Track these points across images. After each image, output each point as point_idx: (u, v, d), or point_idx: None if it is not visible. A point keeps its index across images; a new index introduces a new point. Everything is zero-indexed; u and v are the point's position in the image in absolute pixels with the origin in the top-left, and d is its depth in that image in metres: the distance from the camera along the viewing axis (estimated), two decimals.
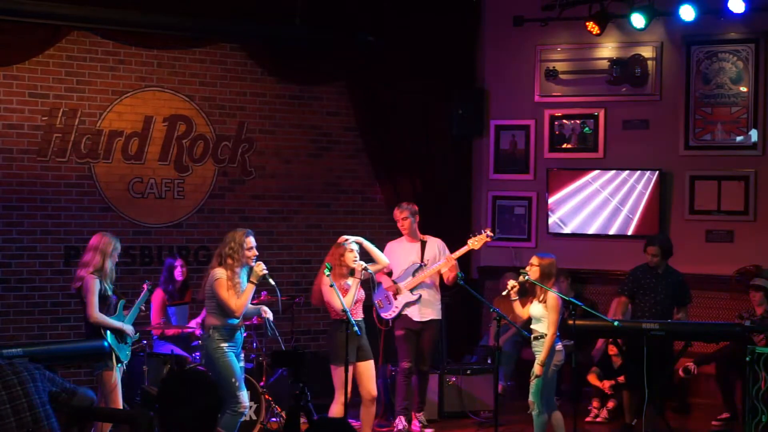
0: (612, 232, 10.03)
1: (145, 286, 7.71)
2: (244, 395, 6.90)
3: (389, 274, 8.42)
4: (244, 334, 7.27)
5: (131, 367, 8.35)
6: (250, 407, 7.75)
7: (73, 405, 5.20)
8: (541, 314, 7.29)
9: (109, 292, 7.29)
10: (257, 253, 7.02)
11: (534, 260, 7.43)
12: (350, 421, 8.00)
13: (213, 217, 9.66)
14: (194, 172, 9.58)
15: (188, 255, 9.43)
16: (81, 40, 9.00)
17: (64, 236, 8.96)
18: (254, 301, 7.50)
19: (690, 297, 8.50)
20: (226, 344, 6.88)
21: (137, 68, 9.27)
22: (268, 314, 7.25)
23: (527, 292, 7.45)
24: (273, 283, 7.03)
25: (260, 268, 6.96)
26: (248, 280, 6.97)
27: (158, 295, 8.52)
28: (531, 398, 7.34)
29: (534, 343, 7.38)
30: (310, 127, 10.14)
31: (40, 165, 8.89)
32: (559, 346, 7.39)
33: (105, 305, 7.26)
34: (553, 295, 7.30)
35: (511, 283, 7.43)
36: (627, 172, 10.12)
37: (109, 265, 7.25)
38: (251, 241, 7.00)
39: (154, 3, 9.06)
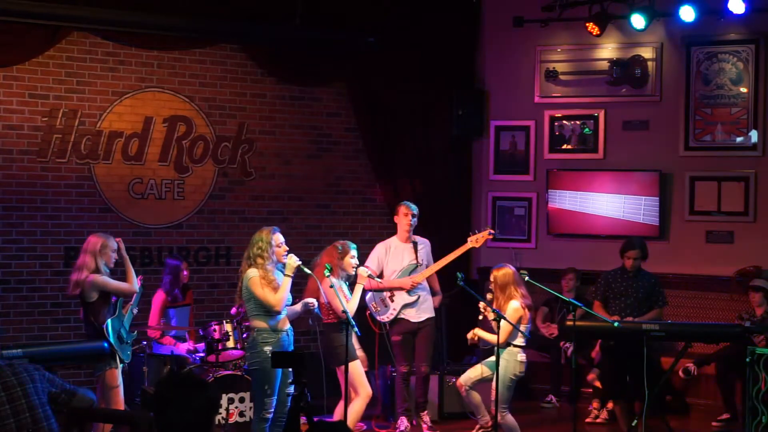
0: (612, 233, 10.01)
1: (138, 280, 7.68)
2: (273, 401, 6.80)
3: (380, 275, 8.42)
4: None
5: (131, 368, 8.36)
6: (250, 408, 7.75)
7: (72, 406, 5.20)
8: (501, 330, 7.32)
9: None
10: (287, 249, 6.93)
11: (492, 276, 7.55)
12: (360, 424, 8.07)
13: (213, 218, 9.66)
14: (194, 173, 9.59)
15: (188, 256, 9.43)
16: (81, 41, 9.00)
17: (64, 237, 8.96)
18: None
19: (664, 299, 8.50)
20: (270, 348, 6.73)
21: (137, 69, 9.27)
22: (314, 303, 7.11)
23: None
24: (309, 272, 6.94)
25: (294, 260, 6.84)
26: (284, 275, 6.86)
27: (159, 297, 8.51)
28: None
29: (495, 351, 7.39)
30: (310, 127, 10.15)
31: (40, 166, 8.89)
32: (522, 357, 7.47)
33: (106, 305, 7.26)
34: (513, 306, 7.41)
35: (482, 304, 7.46)
36: (627, 173, 10.13)
37: (103, 264, 7.25)
38: (279, 237, 6.92)
39: (155, 4, 9.06)
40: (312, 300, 7.10)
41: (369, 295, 8.41)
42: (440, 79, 10.40)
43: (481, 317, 7.53)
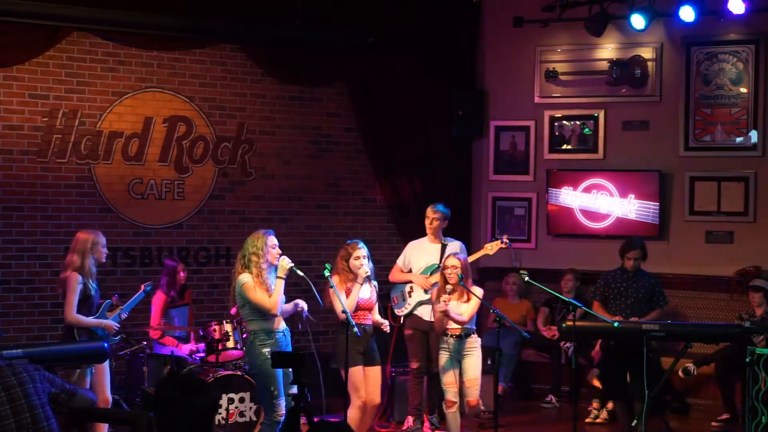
0: (612, 233, 10.02)
1: (142, 287, 7.65)
2: (282, 404, 6.77)
3: (409, 272, 8.49)
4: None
5: (131, 368, 8.37)
6: (250, 408, 7.76)
7: (72, 406, 5.19)
8: (466, 311, 7.41)
9: (92, 292, 7.21)
10: (280, 252, 6.94)
11: (456, 263, 7.42)
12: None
13: (213, 218, 9.66)
14: (194, 173, 9.59)
15: (188, 256, 9.44)
16: (81, 41, 9.00)
17: (64, 237, 8.93)
18: None
19: (665, 299, 8.50)
20: (269, 350, 6.72)
21: (137, 69, 9.28)
22: (304, 307, 7.12)
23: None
24: (302, 274, 6.92)
25: (286, 261, 6.86)
26: (276, 277, 6.86)
27: (159, 298, 8.50)
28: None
29: (460, 341, 7.46)
30: (310, 128, 10.15)
31: (40, 166, 8.89)
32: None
33: (86, 305, 7.19)
34: (477, 292, 7.45)
35: (445, 297, 7.40)
36: (627, 173, 10.13)
37: (91, 262, 7.19)
38: (272, 239, 6.92)
39: (155, 4, 9.07)
40: (301, 301, 7.09)
41: (392, 288, 8.53)
42: (440, 79, 10.40)
43: (442, 309, 7.45)
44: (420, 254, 8.53)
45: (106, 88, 9.14)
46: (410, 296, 8.46)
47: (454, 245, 8.52)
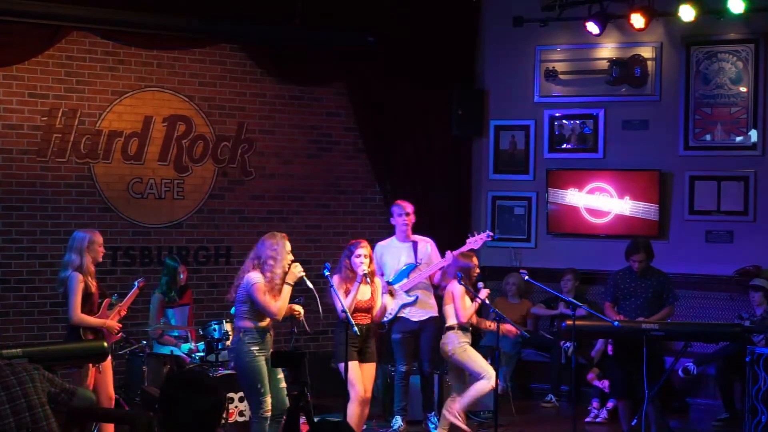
0: (612, 232, 10.02)
1: (135, 282, 7.59)
2: (269, 401, 6.77)
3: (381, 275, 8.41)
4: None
5: (131, 368, 8.36)
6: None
7: (72, 405, 5.18)
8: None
9: (93, 290, 7.20)
10: (293, 258, 6.89)
11: (477, 261, 7.98)
12: None
13: (213, 218, 9.65)
14: (194, 173, 9.58)
15: (188, 255, 9.43)
16: (81, 41, 8.99)
17: (64, 237, 8.90)
18: None
19: (675, 296, 8.42)
20: (257, 348, 6.75)
21: (137, 68, 9.27)
22: (300, 312, 7.07)
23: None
24: (310, 285, 6.86)
25: (298, 269, 6.81)
26: (284, 282, 6.82)
27: (158, 297, 8.49)
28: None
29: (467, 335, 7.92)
30: (310, 127, 10.14)
31: (40, 165, 8.88)
32: None
33: (88, 304, 7.16)
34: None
35: (487, 291, 7.89)
36: (626, 172, 10.13)
37: (89, 261, 7.17)
38: (289, 245, 6.88)
39: (154, 3, 9.06)
40: (298, 308, 7.07)
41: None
42: (440, 79, 10.39)
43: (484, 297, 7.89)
44: (393, 255, 8.49)
45: (105, 87, 9.13)
46: (393, 300, 8.39)
47: (424, 242, 8.51)
